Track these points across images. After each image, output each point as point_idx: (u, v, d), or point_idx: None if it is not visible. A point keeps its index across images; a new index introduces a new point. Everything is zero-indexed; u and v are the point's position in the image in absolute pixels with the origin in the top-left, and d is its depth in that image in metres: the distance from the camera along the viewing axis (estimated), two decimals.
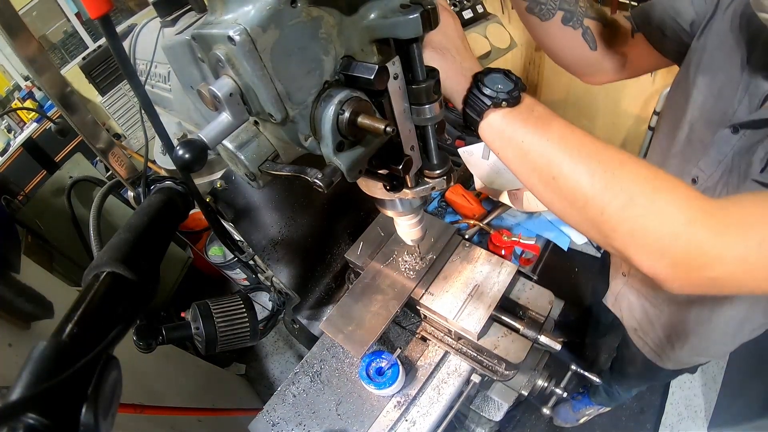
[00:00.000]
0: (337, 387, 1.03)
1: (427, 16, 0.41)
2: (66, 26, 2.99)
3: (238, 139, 0.47)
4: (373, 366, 0.95)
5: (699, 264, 0.45)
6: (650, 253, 0.47)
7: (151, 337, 0.69)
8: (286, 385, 1.05)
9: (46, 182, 2.16)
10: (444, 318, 0.95)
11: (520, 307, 1.01)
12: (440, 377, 1.00)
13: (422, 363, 1.02)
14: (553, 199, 0.51)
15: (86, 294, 0.49)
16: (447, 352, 1.02)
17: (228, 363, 2.29)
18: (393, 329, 1.10)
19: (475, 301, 0.94)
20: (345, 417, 0.98)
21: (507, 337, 0.94)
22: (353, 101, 0.42)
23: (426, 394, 0.98)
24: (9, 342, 0.96)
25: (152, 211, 0.66)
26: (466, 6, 1.25)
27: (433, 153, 0.56)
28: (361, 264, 1.09)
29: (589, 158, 0.47)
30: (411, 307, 1.06)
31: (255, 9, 0.36)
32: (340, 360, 1.07)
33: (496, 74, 0.51)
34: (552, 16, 0.82)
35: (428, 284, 1.00)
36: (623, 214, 0.46)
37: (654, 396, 1.93)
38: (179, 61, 0.54)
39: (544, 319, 0.98)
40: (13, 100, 2.87)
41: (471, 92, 0.52)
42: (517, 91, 0.50)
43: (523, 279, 1.06)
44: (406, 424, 0.95)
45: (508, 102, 0.50)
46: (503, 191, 1.25)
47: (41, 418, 0.34)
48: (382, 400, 0.98)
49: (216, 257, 2.15)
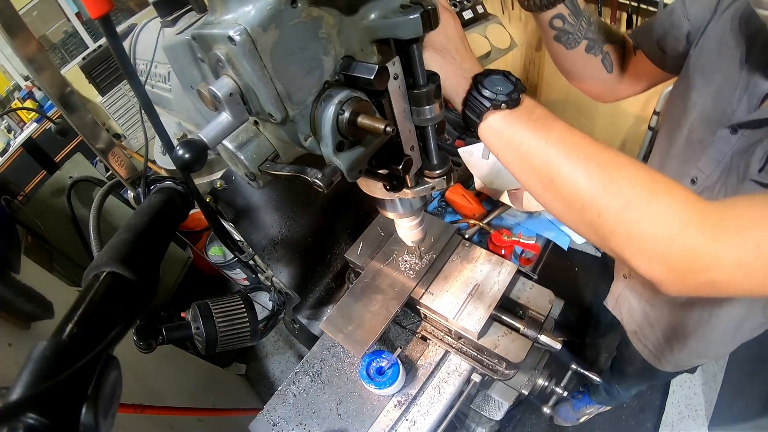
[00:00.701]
0: (338, 386, 1.03)
1: (428, 17, 0.41)
2: (66, 26, 2.99)
3: (238, 139, 0.47)
4: (373, 365, 0.95)
5: (695, 268, 0.45)
6: (647, 257, 0.47)
7: (151, 337, 0.69)
8: (287, 384, 1.05)
9: (46, 182, 2.16)
10: (444, 317, 0.95)
11: (521, 307, 1.01)
12: (440, 377, 1.00)
13: (422, 362, 1.02)
14: (552, 200, 0.52)
15: (86, 294, 0.49)
16: (447, 351, 1.02)
17: (228, 363, 2.29)
18: (393, 329, 1.10)
19: (475, 301, 0.95)
20: (345, 416, 0.98)
21: (507, 336, 0.94)
22: (353, 101, 0.42)
23: (426, 394, 0.98)
24: (9, 342, 0.96)
25: (152, 211, 0.66)
26: (466, 6, 1.25)
27: (433, 153, 0.56)
28: (361, 264, 1.09)
29: (588, 161, 0.47)
30: (411, 307, 1.06)
31: (255, 9, 0.36)
32: (341, 360, 1.07)
33: (496, 76, 0.51)
34: (577, 45, 0.84)
35: (428, 284, 1.00)
36: (620, 217, 0.46)
37: (654, 395, 1.93)
38: (179, 61, 0.54)
39: (544, 319, 0.98)
40: (13, 100, 2.87)
41: (470, 94, 0.52)
42: (516, 93, 0.50)
43: (523, 278, 1.06)
44: (406, 423, 0.95)
45: (507, 104, 0.50)
46: (503, 191, 1.25)
47: (41, 418, 0.34)
48: (383, 399, 0.98)
49: (216, 257, 2.15)
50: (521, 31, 2.05)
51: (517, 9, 2.00)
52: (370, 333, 0.94)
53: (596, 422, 1.90)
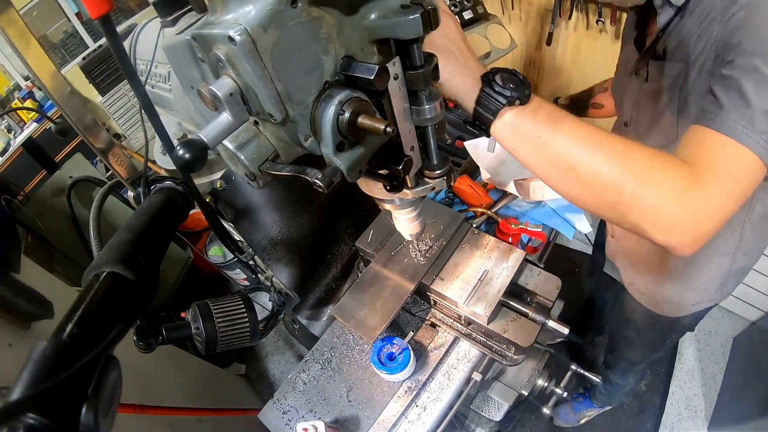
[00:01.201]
0: (348, 374, 1.03)
1: (428, 17, 0.41)
2: (66, 26, 2.98)
3: (238, 139, 0.47)
4: (384, 351, 0.96)
5: (701, 227, 0.53)
6: (661, 227, 0.53)
7: (151, 337, 0.69)
8: (297, 372, 1.05)
9: (46, 182, 2.16)
10: (454, 303, 0.96)
11: (528, 293, 1.02)
12: (450, 363, 1.00)
13: (432, 349, 1.02)
14: (571, 187, 0.57)
15: (86, 294, 0.49)
16: (457, 337, 1.02)
17: (228, 363, 2.29)
18: (403, 316, 1.10)
19: (484, 287, 0.95)
20: (356, 403, 0.98)
21: (516, 321, 0.95)
22: (353, 101, 0.42)
23: (436, 380, 0.98)
24: (9, 342, 0.96)
25: (152, 211, 0.66)
26: (467, 6, 1.25)
27: (433, 153, 0.56)
28: (372, 251, 1.09)
29: (603, 147, 0.53)
30: (421, 294, 1.06)
31: (255, 9, 0.36)
32: (351, 347, 1.07)
33: (505, 74, 0.54)
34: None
35: (438, 270, 1.00)
36: (635, 194, 0.52)
37: (654, 396, 1.93)
38: (179, 61, 0.54)
39: (551, 304, 0.98)
40: (13, 100, 2.87)
41: (484, 92, 0.54)
42: (528, 90, 0.54)
43: (530, 266, 1.06)
44: (416, 409, 0.95)
45: (521, 100, 0.54)
46: (509, 182, 1.26)
47: (41, 418, 0.34)
48: (393, 385, 0.98)
49: (216, 257, 2.15)
50: (521, 31, 2.05)
51: (517, 9, 2.00)
52: (382, 318, 0.94)
53: (596, 423, 1.90)
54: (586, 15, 1.77)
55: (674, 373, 1.97)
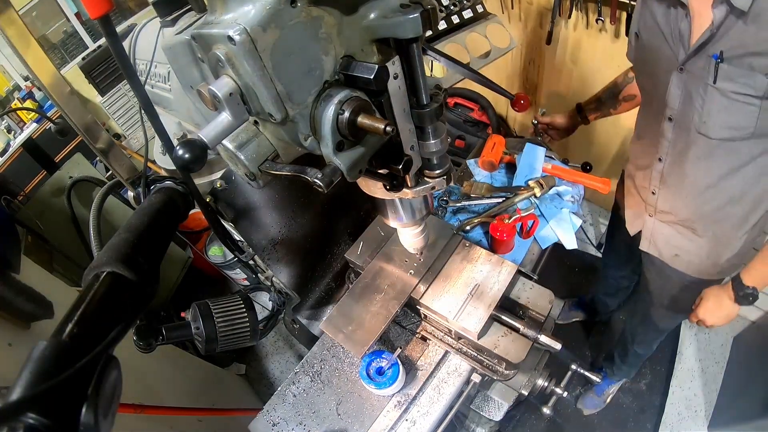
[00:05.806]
0: (338, 387, 1.03)
1: (427, 16, 0.41)
2: (66, 26, 2.98)
3: (238, 139, 0.47)
4: (373, 366, 0.95)
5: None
6: None
7: (151, 337, 0.69)
8: (287, 384, 1.05)
9: (46, 182, 2.16)
10: (444, 317, 0.95)
11: (520, 307, 1.01)
12: (440, 377, 1.00)
13: (422, 363, 1.02)
14: None
15: (86, 294, 0.49)
16: (447, 351, 1.02)
17: (228, 363, 2.29)
18: (393, 329, 1.09)
19: (475, 301, 0.95)
20: (345, 417, 0.98)
21: (507, 336, 0.94)
22: (353, 101, 0.42)
23: (426, 394, 0.98)
24: (9, 342, 0.96)
25: (152, 211, 0.66)
26: (466, 6, 1.25)
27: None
28: (361, 264, 1.09)
29: None
30: (411, 307, 1.06)
31: (255, 9, 0.36)
32: (341, 360, 1.07)
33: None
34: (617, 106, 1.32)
35: (428, 284, 1.00)
36: None
37: (654, 396, 1.93)
38: (179, 61, 0.54)
39: (544, 319, 0.98)
40: (13, 100, 2.87)
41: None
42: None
43: (523, 279, 1.06)
44: (406, 423, 0.95)
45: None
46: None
47: (41, 418, 0.34)
48: (383, 399, 0.98)
49: (216, 257, 2.15)
50: (521, 30, 2.05)
51: (517, 9, 2.00)
52: (370, 333, 0.94)
53: (596, 423, 1.90)
54: (585, 14, 1.76)
55: (674, 373, 1.97)
